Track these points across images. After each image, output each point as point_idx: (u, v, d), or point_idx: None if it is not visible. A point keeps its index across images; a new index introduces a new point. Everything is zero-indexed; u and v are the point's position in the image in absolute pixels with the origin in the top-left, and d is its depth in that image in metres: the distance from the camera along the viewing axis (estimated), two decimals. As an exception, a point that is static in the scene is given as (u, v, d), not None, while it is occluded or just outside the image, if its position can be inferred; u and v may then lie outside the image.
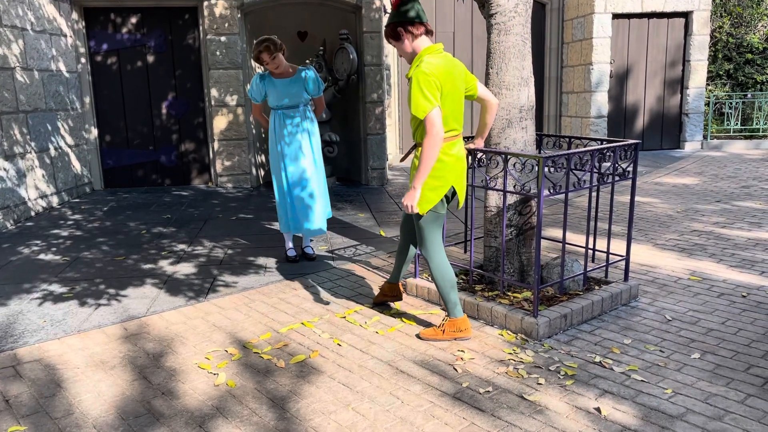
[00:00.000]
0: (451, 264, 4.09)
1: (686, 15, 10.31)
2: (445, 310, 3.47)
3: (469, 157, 3.85)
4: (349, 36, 8.12)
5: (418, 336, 3.44)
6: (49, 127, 7.09)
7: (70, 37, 7.68)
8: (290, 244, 4.96)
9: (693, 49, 10.33)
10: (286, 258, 4.92)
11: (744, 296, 3.91)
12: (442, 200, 3.25)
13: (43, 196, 6.87)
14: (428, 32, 3.20)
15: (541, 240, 4.51)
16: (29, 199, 6.56)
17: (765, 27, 11.33)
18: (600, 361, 3.08)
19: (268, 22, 8.61)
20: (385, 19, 9.00)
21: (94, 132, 8.12)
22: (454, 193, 3.33)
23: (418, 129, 3.20)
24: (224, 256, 5.09)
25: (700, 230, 5.51)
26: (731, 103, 11.01)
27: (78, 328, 3.65)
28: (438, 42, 3.56)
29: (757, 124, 10.98)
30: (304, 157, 4.67)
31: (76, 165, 7.73)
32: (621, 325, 3.52)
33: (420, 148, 3.15)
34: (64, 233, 5.89)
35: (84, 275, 4.65)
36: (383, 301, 3.90)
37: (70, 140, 7.57)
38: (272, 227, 6.02)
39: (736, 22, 11.41)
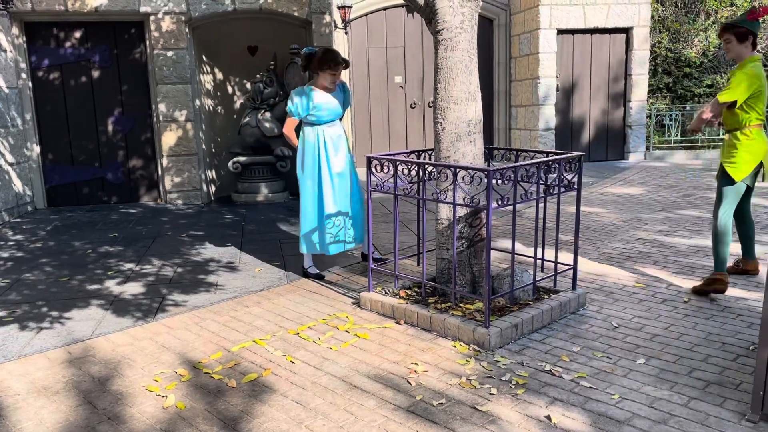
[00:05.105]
0: (405, 276, 4.11)
1: (627, 31, 10.68)
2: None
3: (421, 171, 3.89)
4: (300, 50, 8.12)
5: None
6: (-12, 145, 6.85)
7: (10, 51, 7.44)
8: (311, 262, 4.86)
9: (634, 64, 10.70)
10: (306, 274, 4.82)
11: (686, 302, 4.04)
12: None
13: (-18, 216, 6.61)
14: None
15: (492, 251, 4.58)
16: (-34, 219, 6.30)
17: (701, 42, 11.84)
18: (550, 369, 3.13)
19: (218, 37, 8.55)
20: (335, 34, 9.04)
21: (36, 149, 7.87)
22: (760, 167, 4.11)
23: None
24: (174, 275, 4.98)
25: (644, 238, 5.69)
26: (671, 116, 11.44)
27: (19, 353, 3.51)
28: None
29: (695, 135, 11.43)
30: (350, 169, 4.75)
31: (17, 183, 7.47)
32: (570, 333, 3.59)
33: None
34: (4, 254, 5.67)
35: (25, 298, 4.48)
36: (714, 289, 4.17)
37: (10, 158, 7.32)
38: (223, 244, 5.93)
39: (674, 37, 11.90)
